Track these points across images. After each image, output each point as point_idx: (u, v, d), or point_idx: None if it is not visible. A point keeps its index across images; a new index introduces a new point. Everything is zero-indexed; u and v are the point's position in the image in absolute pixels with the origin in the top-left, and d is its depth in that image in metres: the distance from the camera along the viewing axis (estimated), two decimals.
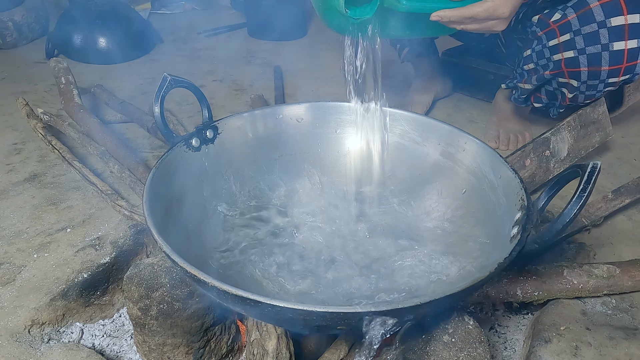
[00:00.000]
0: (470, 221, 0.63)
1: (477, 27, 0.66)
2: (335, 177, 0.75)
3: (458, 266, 0.55)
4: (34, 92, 1.35)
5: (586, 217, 0.80)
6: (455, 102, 1.31)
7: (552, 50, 0.81)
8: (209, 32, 1.91)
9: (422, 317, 0.41)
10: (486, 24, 0.65)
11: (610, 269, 0.66)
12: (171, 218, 0.54)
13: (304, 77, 1.50)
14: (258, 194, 0.72)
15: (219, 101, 1.33)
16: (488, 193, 0.62)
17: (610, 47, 0.73)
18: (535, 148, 0.87)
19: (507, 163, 0.60)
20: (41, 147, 1.04)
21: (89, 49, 1.59)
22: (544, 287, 0.66)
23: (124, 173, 0.86)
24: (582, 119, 0.90)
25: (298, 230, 0.67)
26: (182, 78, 0.64)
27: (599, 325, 0.64)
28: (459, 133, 0.69)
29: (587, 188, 0.41)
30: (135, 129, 1.13)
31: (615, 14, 0.71)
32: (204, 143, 0.68)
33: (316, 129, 0.77)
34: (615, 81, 0.78)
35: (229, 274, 0.58)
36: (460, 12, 0.63)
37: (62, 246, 0.76)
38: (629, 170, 1.00)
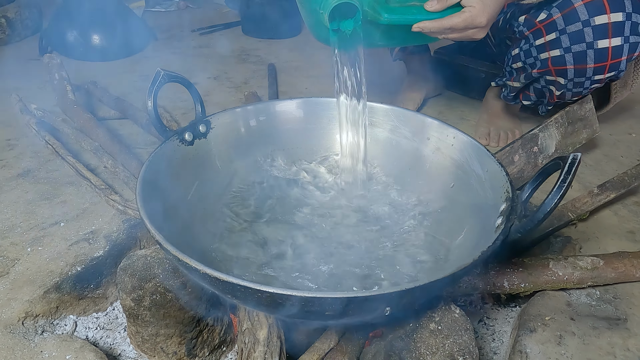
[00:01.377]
0: (459, 213, 0.64)
1: (457, 36, 0.68)
2: (326, 169, 0.76)
3: (445, 256, 0.57)
4: (27, 89, 1.35)
5: (572, 212, 0.81)
6: (446, 100, 1.33)
7: (539, 49, 0.83)
8: (204, 30, 1.92)
9: (408, 303, 0.42)
10: (466, 33, 0.67)
11: (594, 261, 0.68)
12: (163, 208, 0.55)
13: (298, 74, 1.51)
14: (249, 187, 0.73)
15: (213, 98, 1.34)
16: (475, 186, 0.64)
17: (595, 45, 0.75)
18: (523, 144, 0.89)
19: (493, 157, 0.61)
20: (34, 143, 1.04)
21: (82, 46, 1.59)
22: (530, 279, 0.68)
23: (118, 168, 0.86)
24: (569, 116, 0.91)
25: (290, 220, 0.68)
26: (176, 73, 0.65)
27: (583, 316, 0.65)
28: (447, 128, 0.70)
29: (567, 179, 0.43)
30: (129, 126, 1.13)
31: (599, 13, 0.72)
32: (197, 137, 0.69)
33: (308, 124, 0.78)
34: (601, 78, 0.80)
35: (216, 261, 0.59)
36: (440, 24, 0.65)
37: (56, 240, 0.77)
38: (615, 167, 1.02)
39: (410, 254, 0.58)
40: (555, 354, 0.59)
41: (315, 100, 0.78)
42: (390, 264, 0.57)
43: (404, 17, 0.65)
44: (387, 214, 0.66)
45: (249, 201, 0.69)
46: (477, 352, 0.50)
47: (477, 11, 0.64)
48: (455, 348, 0.49)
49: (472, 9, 0.64)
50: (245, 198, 0.70)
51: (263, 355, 0.50)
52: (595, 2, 0.72)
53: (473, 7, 0.64)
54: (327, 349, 0.57)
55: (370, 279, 0.56)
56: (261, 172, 0.75)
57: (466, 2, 0.64)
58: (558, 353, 0.59)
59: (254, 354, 0.50)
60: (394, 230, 0.63)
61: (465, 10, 0.64)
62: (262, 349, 0.50)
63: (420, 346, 0.48)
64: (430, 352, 0.48)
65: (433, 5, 0.65)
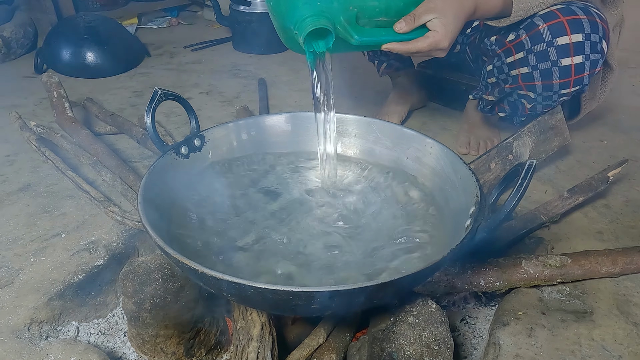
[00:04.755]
0: (435, 217, 0.69)
1: (422, 56, 0.76)
2: (314, 177, 0.81)
3: (420, 255, 0.62)
4: (24, 106, 1.39)
5: (545, 215, 0.87)
6: (430, 111, 1.39)
7: (509, 66, 0.89)
8: (195, 46, 1.97)
9: (384, 297, 0.47)
10: (429, 54, 0.75)
11: (562, 259, 0.73)
12: (162, 216, 0.60)
13: (288, 89, 1.56)
14: (243, 197, 0.77)
15: (206, 112, 1.39)
16: (450, 192, 0.69)
17: (559, 63, 0.81)
18: (499, 152, 0.95)
19: (465, 164, 0.67)
20: (33, 158, 1.08)
21: (77, 63, 1.64)
22: (505, 277, 0.73)
23: (116, 181, 0.91)
24: (541, 125, 0.98)
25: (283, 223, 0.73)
26: (172, 91, 0.70)
27: (554, 310, 0.70)
28: (425, 139, 0.76)
29: (523, 183, 0.48)
30: (125, 140, 1.17)
31: (561, 34, 0.79)
32: (193, 151, 0.74)
33: (296, 136, 0.83)
34: (568, 92, 0.87)
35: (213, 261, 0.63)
36: (407, 47, 0.72)
37: (58, 250, 0.81)
38: (587, 172, 1.08)
39: (387, 255, 0.63)
40: (526, 344, 0.64)
41: (303, 114, 0.83)
42: (368, 263, 0.61)
43: (373, 38, 0.71)
44: (365, 219, 0.71)
45: (242, 207, 0.74)
46: (452, 342, 0.55)
47: (441, 36, 0.70)
48: (431, 339, 0.54)
49: (436, 34, 0.70)
50: (238, 205, 0.74)
51: (256, 350, 0.54)
52: (557, 24, 0.79)
53: (437, 32, 0.70)
54: (316, 345, 0.61)
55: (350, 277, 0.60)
56: (254, 180, 0.79)
57: (431, 26, 0.71)
58: (528, 344, 0.64)
59: (247, 349, 0.55)
60: (371, 233, 0.68)
61: (430, 35, 0.71)
62: (255, 345, 0.55)
63: (399, 337, 0.53)
64: (408, 342, 0.53)
65: (402, 28, 0.71)
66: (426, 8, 0.71)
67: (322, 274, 0.58)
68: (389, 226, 0.69)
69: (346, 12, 0.70)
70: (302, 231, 0.68)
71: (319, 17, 0.67)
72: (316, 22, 0.66)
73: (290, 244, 0.65)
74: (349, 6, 0.70)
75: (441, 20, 0.70)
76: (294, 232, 0.68)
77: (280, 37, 0.77)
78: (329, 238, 0.67)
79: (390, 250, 0.62)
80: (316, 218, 0.72)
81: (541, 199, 0.98)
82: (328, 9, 0.68)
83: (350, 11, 0.71)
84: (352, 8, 0.70)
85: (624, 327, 0.67)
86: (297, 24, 0.67)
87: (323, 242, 0.66)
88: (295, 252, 0.64)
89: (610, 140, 1.24)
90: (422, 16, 0.71)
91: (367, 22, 0.73)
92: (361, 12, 0.72)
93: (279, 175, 0.80)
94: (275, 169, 0.81)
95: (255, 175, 0.79)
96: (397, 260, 0.61)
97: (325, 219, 0.71)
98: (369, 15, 0.73)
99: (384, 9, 0.73)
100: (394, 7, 0.73)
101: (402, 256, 0.61)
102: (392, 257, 0.62)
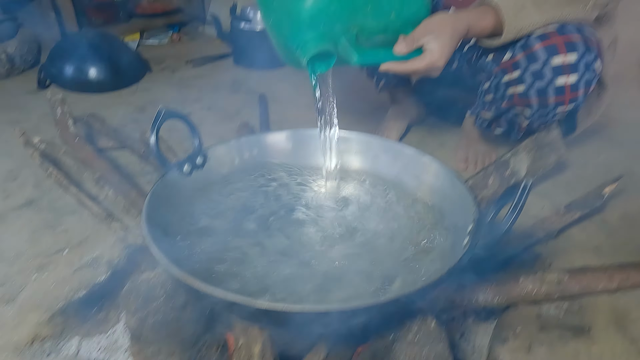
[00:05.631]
0: (435, 233, 0.70)
1: (418, 75, 0.79)
2: (317, 191, 0.83)
3: (422, 272, 0.63)
4: (27, 121, 1.41)
5: (542, 230, 0.88)
6: (428, 126, 1.41)
7: (506, 84, 0.91)
8: (196, 62, 2.00)
9: (384, 315, 0.48)
10: (426, 73, 0.77)
11: (560, 275, 0.74)
12: (166, 233, 0.61)
13: (288, 104, 1.58)
14: (245, 214, 0.78)
15: (207, 128, 1.40)
16: (449, 208, 0.70)
17: (554, 82, 0.83)
18: (497, 168, 0.96)
19: (463, 181, 0.68)
20: (36, 173, 1.09)
21: (80, 79, 1.66)
22: (503, 293, 0.73)
23: (118, 197, 0.92)
24: (537, 142, 0.99)
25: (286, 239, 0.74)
26: (176, 111, 0.71)
27: (552, 326, 0.71)
28: (423, 156, 0.77)
29: (519, 203, 0.49)
30: (127, 156, 1.19)
31: (556, 54, 0.81)
32: (195, 168, 0.75)
33: (297, 153, 0.85)
34: (563, 110, 0.88)
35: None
36: (404, 67, 0.75)
37: (60, 266, 0.81)
38: (584, 187, 1.09)
39: (389, 269, 0.64)
40: None
41: (303, 131, 0.85)
42: (367, 281, 0.62)
43: (373, 58, 0.73)
44: (366, 237, 0.73)
45: (245, 224, 0.75)
46: (451, 359, 0.55)
47: (437, 56, 0.73)
48: (431, 356, 0.54)
49: (433, 54, 0.73)
50: (241, 222, 0.75)
51: None
52: (552, 45, 0.81)
53: (434, 52, 0.73)
54: None
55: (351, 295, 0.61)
56: (256, 196, 0.81)
57: (428, 47, 0.73)
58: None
59: None
60: (371, 251, 0.69)
61: (427, 55, 0.73)
62: None
63: (399, 355, 0.54)
64: (409, 359, 0.53)
65: (401, 50, 0.73)
66: (424, 30, 0.73)
67: (322, 293, 0.59)
68: (390, 242, 0.70)
69: (347, 33, 0.72)
70: (304, 248, 0.69)
71: (322, 39, 0.69)
72: (320, 45, 0.68)
73: (293, 261, 0.66)
74: (350, 27, 0.72)
75: (438, 42, 0.72)
76: (296, 249, 0.69)
77: (278, 52, 0.79)
78: (330, 254, 0.68)
79: (391, 267, 0.63)
80: (318, 234, 0.73)
81: (539, 213, 1.00)
82: (330, 30, 0.70)
83: (351, 32, 0.73)
84: (353, 29, 0.73)
85: (622, 343, 0.68)
86: (300, 46, 0.69)
87: (324, 259, 0.67)
88: (297, 269, 0.64)
89: (606, 155, 1.26)
90: (421, 38, 0.73)
91: (366, 40, 0.75)
92: (361, 32, 0.74)
93: (281, 192, 0.81)
94: (277, 185, 0.82)
95: (257, 191, 0.81)
96: (399, 278, 0.61)
97: (326, 235, 0.72)
98: (368, 34, 0.75)
99: (382, 28, 0.75)
100: (392, 26, 0.75)
101: (404, 273, 0.62)
102: (394, 273, 0.63)
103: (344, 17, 0.70)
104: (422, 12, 0.76)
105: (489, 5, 0.79)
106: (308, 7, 0.67)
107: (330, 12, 0.68)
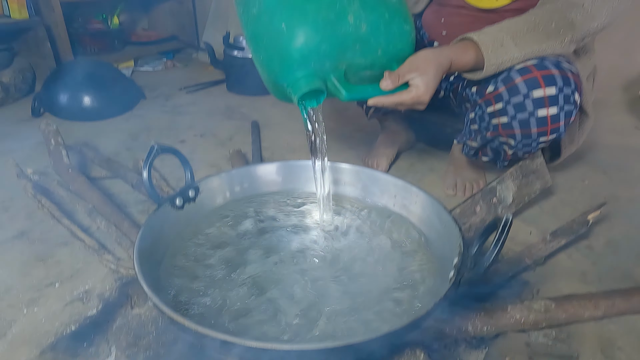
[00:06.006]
0: (422, 266, 0.72)
1: (403, 108, 0.81)
2: (307, 224, 0.84)
3: (409, 306, 0.64)
4: (21, 150, 1.42)
5: (529, 257, 0.89)
6: (418, 152, 1.44)
7: (490, 116, 0.94)
8: (190, 88, 2.03)
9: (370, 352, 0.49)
10: (411, 106, 0.80)
11: (547, 304, 0.75)
12: (159, 269, 0.61)
13: (280, 130, 1.61)
14: (236, 247, 0.79)
15: (200, 155, 1.42)
16: (436, 239, 0.72)
17: (535, 114, 0.86)
18: (484, 196, 0.99)
19: (449, 213, 0.70)
20: (28, 204, 1.09)
21: (74, 107, 1.68)
22: (492, 322, 0.74)
23: (111, 229, 0.92)
24: (523, 170, 1.02)
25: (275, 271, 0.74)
26: (168, 146, 0.73)
27: (540, 355, 0.72)
28: (410, 187, 0.79)
29: (500, 238, 0.51)
30: (120, 185, 1.20)
31: (536, 88, 0.85)
32: (187, 201, 0.76)
33: (287, 184, 0.86)
34: (546, 139, 0.91)
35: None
36: (391, 100, 0.78)
37: (51, 300, 0.81)
38: (570, 212, 1.12)
39: (379, 301, 0.65)
40: None
41: (293, 163, 0.87)
42: (354, 318, 0.63)
43: (361, 94, 0.76)
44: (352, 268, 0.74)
45: (236, 258, 0.76)
46: None
47: (422, 91, 0.76)
48: None
49: (418, 89, 0.76)
50: (232, 256, 0.76)
51: None
52: (532, 79, 0.84)
53: (419, 87, 0.76)
54: None
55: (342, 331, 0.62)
56: (247, 228, 0.82)
57: (413, 83, 0.76)
58: None
59: None
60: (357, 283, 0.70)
61: (412, 90, 0.76)
62: None
63: None
64: None
65: (388, 86, 0.76)
66: (409, 68, 0.76)
67: (308, 327, 0.60)
68: (378, 274, 0.71)
69: (336, 70, 0.75)
70: (294, 280, 0.70)
71: (312, 77, 0.71)
72: (311, 83, 0.71)
73: (281, 294, 0.67)
74: (339, 64, 0.75)
75: (422, 78, 0.75)
76: (284, 281, 0.70)
77: (266, 86, 0.82)
78: (317, 287, 0.69)
79: (379, 300, 0.64)
80: (307, 265, 0.74)
81: (526, 240, 1.01)
82: (320, 68, 0.73)
83: (340, 68, 0.75)
84: (341, 65, 0.75)
85: None
86: (291, 85, 0.72)
87: (310, 292, 0.67)
88: (285, 302, 0.65)
89: (591, 180, 1.29)
90: (406, 75, 0.76)
91: (354, 75, 0.78)
92: (349, 68, 0.77)
93: (271, 224, 0.82)
94: (267, 217, 0.84)
95: (249, 223, 0.82)
96: (387, 312, 0.62)
97: (314, 266, 0.73)
98: (356, 70, 0.78)
99: (369, 64, 0.78)
100: (378, 62, 0.78)
101: (391, 306, 0.63)
102: (381, 307, 0.64)
103: (334, 56, 0.72)
104: (407, 49, 0.79)
105: (470, 40, 0.83)
106: (299, 47, 0.69)
107: (320, 52, 0.70)
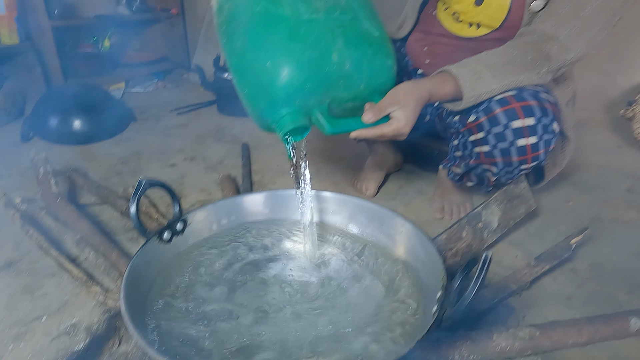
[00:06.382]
0: (407, 296, 0.73)
1: (385, 139, 0.84)
2: (293, 254, 0.85)
3: (393, 339, 0.64)
4: (9, 176, 1.41)
5: (515, 283, 0.91)
6: (406, 174, 1.45)
7: (472, 144, 0.97)
8: (181, 110, 2.04)
9: None
10: (393, 138, 0.82)
11: (531, 331, 0.76)
12: (148, 305, 0.62)
13: (270, 152, 1.62)
14: (223, 279, 0.80)
15: (190, 179, 1.42)
16: (421, 269, 0.73)
17: (515, 143, 0.89)
18: (469, 221, 1.00)
19: (434, 244, 0.71)
20: (15, 233, 1.09)
21: (64, 131, 1.67)
22: (478, 350, 0.75)
23: (99, 260, 0.92)
24: (507, 194, 1.04)
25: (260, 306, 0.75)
26: (156, 180, 0.74)
27: None
28: (396, 217, 0.80)
29: (480, 275, 0.52)
30: (109, 212, 1.20)
31: (515, 118, 0.87)
32: (175, 234, 0.77)
33: (274, 214, 0.87)
34: (527, 167, 0.94)
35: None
36: (373, 132, 0.80)
37: (37, 335, 0.81)
38: (555, 235, 1.14)
39: (364, 333, 0.66)
40: None
41: (280, 193, 0.88)
42: (339, 344, 0.64)
43: (344, 128, 0.78)
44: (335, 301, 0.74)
45: (223, 291, 0.76)
46: None
47: (403, 123, 0.78)
48: None
49: (399, 121, 0.78)
50: (219, 289, 0.77)
51: None
52: (511, 110, 0.87)
53: (399, 119, 0.78)
54: None
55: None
56: (235, 260, 0.82)
57: (394, 115, 0.79)
58: None
59: None
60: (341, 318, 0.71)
61: (393, 122, 0.78)
62: None
63: None
64: None
65: (370, 119, 0.78)
66: (390, 101, 0.78)
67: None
68: (363, 306, 0.71)
69: (320, 105, 0.76)
70: (277, 315, 0.70)
71: (297, 114, 0.73)
72: (296, 120, 0.72)
73: (266, 328, 0.68)
74: (323, 99, 0.77)
75: (403, 111, 0.78)
76: (269, 315, 0.70)
77: (249, 115, 0.83)
78: (302, 320, 0.69)
79: (363, 333, 0.65)
80: (292, 298, 0.75)
81: (512, 263, 1.03)
82: (305, 104, 0.74)
83: (324, 103, 0.77)
84: (325, 100, 0.77)
85: None
86: (276, 121, 0.73)
87: (295, 326, 0.68)
88: (271, 336, 0.66)
89: (575, 201, 1.31)
90: (387, 108, 0.78)
91: (337, 107, 0.80)
92: (332, 101, 0.79)
93: (258, 255, 0.83)
94: (255, 248, 0.84)
95: (236, 255, 0.82)
96: (372, 344, 0.63)
97: (299, 299, 0.73)
98: (339, 103, 0.80)
99: (352, 97, 0.80)
100: (360, 95, 0.80)
101: (376, 339, 0.63)
102: (366, 340, 0.64)
103: (318, 92, 0.74)
104: (389, 82, 0.81)
105: (449, 73, 0.85)
106: (285, 86, 0.71)
107: (305, 90, 0.72)
